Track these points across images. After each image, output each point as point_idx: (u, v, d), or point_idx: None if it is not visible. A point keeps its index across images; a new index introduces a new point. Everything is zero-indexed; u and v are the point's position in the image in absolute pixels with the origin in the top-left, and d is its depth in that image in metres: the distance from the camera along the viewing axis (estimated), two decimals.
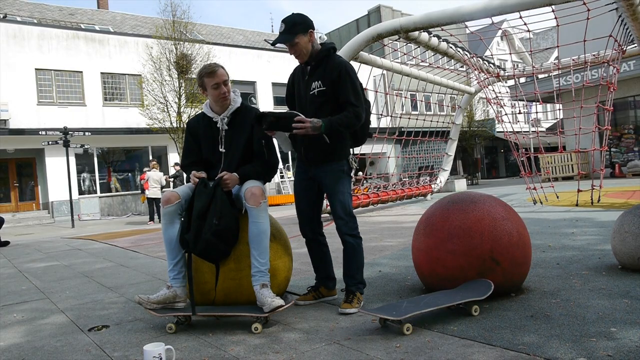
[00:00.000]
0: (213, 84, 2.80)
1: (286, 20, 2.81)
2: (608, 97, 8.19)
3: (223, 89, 2.82)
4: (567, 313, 2.41)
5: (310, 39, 2.84)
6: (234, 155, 2.87)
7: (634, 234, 3.11)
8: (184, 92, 16.42)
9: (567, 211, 7.22)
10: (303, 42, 2.81)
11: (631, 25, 7.07)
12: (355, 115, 2.77)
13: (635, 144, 18.36)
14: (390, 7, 28.83)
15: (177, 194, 2.70)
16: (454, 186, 15.14)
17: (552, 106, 22.47)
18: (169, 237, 2.68)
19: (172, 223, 2.67)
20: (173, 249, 2.68)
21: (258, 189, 2.65)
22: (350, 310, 2.73)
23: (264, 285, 2.58)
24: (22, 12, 20.99)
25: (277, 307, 2.47)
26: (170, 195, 2.70)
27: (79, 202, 17.69)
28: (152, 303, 2.63)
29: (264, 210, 2.65)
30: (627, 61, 15.77)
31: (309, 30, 2.82)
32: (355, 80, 2.85)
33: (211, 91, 2.83)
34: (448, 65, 12.20)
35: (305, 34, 2.81)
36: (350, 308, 2.74)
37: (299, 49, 2.82)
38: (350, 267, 2.87)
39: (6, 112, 16.47)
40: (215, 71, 2.80)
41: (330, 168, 2.87)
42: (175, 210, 2.67)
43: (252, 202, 2.62)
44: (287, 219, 9.39)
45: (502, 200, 3.01)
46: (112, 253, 6.43)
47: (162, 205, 2.69)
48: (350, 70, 2.84)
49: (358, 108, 2.78)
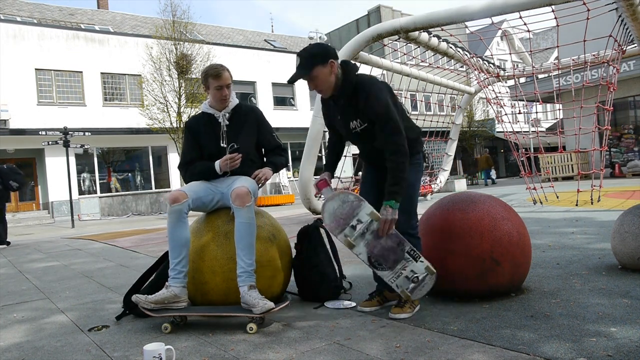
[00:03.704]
0: (217, 85, 2.87)
1: (302, 54, 2.55)
2: (608, 97, 8.19)
3: (225, 91, 2.89)
4: (567, 313, 2.42)
5: (332, 70, 2.54)
6: (236, 150, 2.91)
7: (634, 234, 3.11)
8: (184, 92, 16.43)
9: (567, 211, 7.22)
10: (322, 74, 2.53)
11: (631, 25, 7.07)
12: (401, 155, 2.45)
13: (635, 144, 18.36)
14: (390, 7, 28.85)
15: (184, 192, 2.71)
16: (453, 186, 15.14)
17: (552, 106, 22.48)
18: (175, 236, 2.67)
19: (179, 221, 2.67)
20: (176, 247, 2.68)
21: (244, 189, 2.66)
22: (402, 315, 2.55)
23: (252, 287, 2.57)
24: (22, 12, 20.99)
25: (269, 309, 2.47)
26: (178, 194, 2.69)
27: (79, 202, 17.69)
28: (149, 303, 2.62)
29: (250, 210, 2.66)
30: (627, 61, 15.77)
31: (330, 61, 2.52)
32: (390, 108, 2.50)
33: (213, 91, 2.90)
34: (448, 65, 12.19)
35: (325, 64, 2.51)
36: (402, 313, 2.55)
37: (319, 83, 2.55)
38: None
39: (6, 112, 16.49)
40: (220, 75, 2.87)
41: None
42: (182, 209, 2.67)
43: (237, 202, 2.63)
44: (287, 219, 9.39)
45: (502, 200, 3.01)
46: (112, 253, 6.43)
47: (169, 204, 2.69)
48: (383, 100, 2.49)
49: (399, 142, 2.45)
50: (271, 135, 3.06)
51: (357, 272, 3.83)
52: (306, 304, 3.00)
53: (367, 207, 2.48)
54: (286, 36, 30.44)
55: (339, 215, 2.50)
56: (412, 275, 2.50)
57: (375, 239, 2.48)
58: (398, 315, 2.56)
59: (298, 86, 22.89)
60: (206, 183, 2.88)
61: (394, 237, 2.48)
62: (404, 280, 2.51)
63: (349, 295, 3.09)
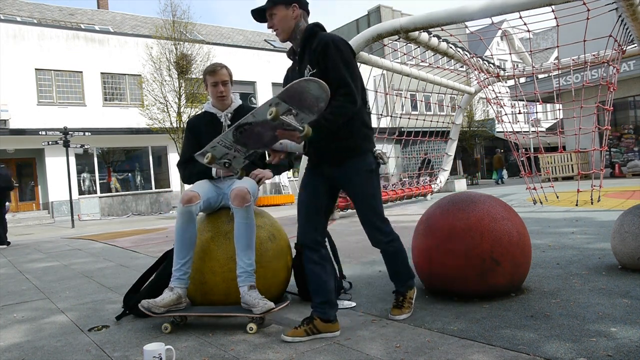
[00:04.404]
0: (212, 81, 2.91)
1: None
2: (608, 97, 8.19)
3: (220, 87, 2.91)
4: (567, 313, 2.42)
5: (294, 14, 2.44)
6: None
7: (634, 234, 3.11)
8: (184, 92, 16.43)
9: (567, 211, 7.23)
10: (282, 14, 2.43)
11: (631, 25, 7.07)
12: (349, 101, 2.28)
13: (635, 144, 18.36)
14: (390, 7, 28.84)
15: (198, 194, 2.70)
16: (453, 186, 15.14)
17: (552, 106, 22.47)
18: (184, 237, 2.65)
19: (190, 222, 2.66)
20: (184, 248, 2.66)
21: (243, 189, 2.65)
22: (402, 316, 2.55)
23: (252, 287, 2.56)
24: (22, 12, 20.99)
25: (269, 309, 2.46)
26: (192, 195, 2.68)
27: (79, 202, 17.69)
28: (160, 307, 2.58)
29: (249, 210, 2.65)
30: (627, 61, 15.77)
31: (293, 5, 2.43)
32: (347, 55, 2.39)
33: (210, 88, 2.94)
34: (448, 65, 12.19)
35: (288, 6, 2.43)
36: (401, 314, 2.56)
37: (277, 22, 2.45)
38: (394, 268, 2.64)
39: (6, 112, 16.49)
40: (215, 70, 2.90)
41: (354, 167, 2.43)
42: (194, 211, 2.67)
43: (237, 202, 2.62)
44: (287, 219, 9.39)
45: (502, 200, 3.01)
46: (112, 253, 6.43)
47: (182, 204, 2.67)
48: (340, 44, 2.39)
49: (350, 88, 2.29)
50: None
51: (357, 272, 3.83)
52: (306, 304, 2.98)
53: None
54: None
55: None
56: None
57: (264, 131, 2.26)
58: (398, 316, 2.56)
59: None
60: (211, 183, 2.88)
61: None
62: None
63: (349, 295, 3.09)
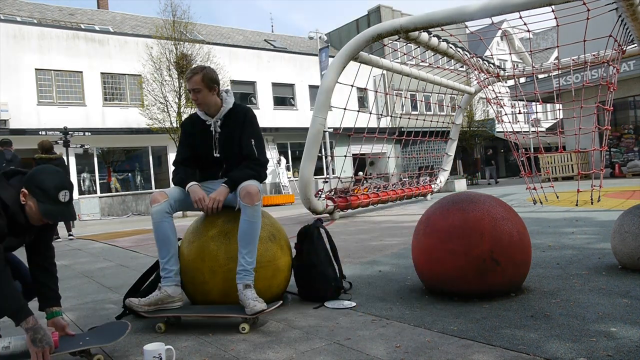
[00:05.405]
0: (189, 88, 2.85)
1: None
2: (608, 97, 8.19)
3: (195, 95, 2.82)
4: (567, 313, 2.42)
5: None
6: (231, 160, 2.87)
7: (634, 234, 3.11)
8: (184, 92, 16.43)
9: (567, 211, 7.23)
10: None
11: (631, 25, 7.07)
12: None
13: (635, 144, 18.36)
14: (390, 7, 28.86)
15: (164, 193, 2.73)
16: (453, 186, 15.14)
17: (552, 106, 22.48)
18: (159, 236, 2.68)
19: (162, 221, 2.67)
20: (163, 247, 2.68)
21: (254, 187, 2.65)
22: None
23: (247, 286, 2.56)
24: (22, 12, 21.00)
25: (259, 311, 2.46)
26: (157, 195, 2.72)
27: (79, 202, 17.69)
28: (142, 306, 2.61)
29: (258, 209, 2.65)
30: (627, 61, 15.78)
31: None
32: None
33: None
34: (448, 65, 12.19)
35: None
36: None
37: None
38: None
39: (6, 112, 16.49)
40: (189, 78, 2.82)
41: None
42: (164, 208, 2.68)
43: (247, 200, 2.61)
44: (287, 219, 9.39)
45: (502, 200, 3.01)
46: (112, 253, 6.43)
47: (150, 205, 2.71)
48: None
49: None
50: (249, 140, 2.83)
51: (357, 272, 3.83)
52: (306, 304, 2.99)
53: None
54: (286, 36, 30.43)
55: None
56: None
57: None
58: None
59: (298, 86, 22.87)
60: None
61: None
62: None
63: (349, 295, 3.09)
